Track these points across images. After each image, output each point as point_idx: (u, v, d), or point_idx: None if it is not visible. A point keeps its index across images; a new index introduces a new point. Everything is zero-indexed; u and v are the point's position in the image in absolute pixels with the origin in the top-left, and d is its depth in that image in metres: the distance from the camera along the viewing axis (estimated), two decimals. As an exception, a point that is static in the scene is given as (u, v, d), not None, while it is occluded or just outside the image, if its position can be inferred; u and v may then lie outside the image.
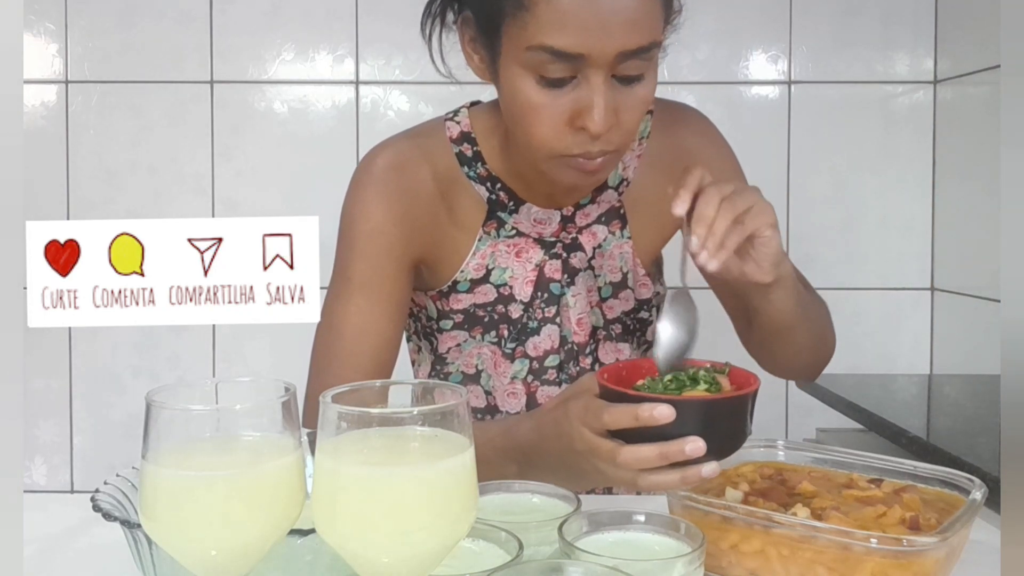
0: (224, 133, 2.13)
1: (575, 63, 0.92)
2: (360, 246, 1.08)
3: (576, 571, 0.66)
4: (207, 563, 0.60)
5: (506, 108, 1.02)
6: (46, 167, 2.11)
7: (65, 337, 2.14)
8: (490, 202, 1.12)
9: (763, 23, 2.15)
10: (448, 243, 1.12)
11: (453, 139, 1.12)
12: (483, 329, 1.15)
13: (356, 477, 0.55)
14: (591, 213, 1.15)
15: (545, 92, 0.95)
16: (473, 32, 1.02)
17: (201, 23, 2.11)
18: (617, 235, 1.16)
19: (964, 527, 0.79)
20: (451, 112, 1.15)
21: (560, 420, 0.89)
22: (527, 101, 0.96)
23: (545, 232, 1.13)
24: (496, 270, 1.13)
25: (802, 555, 0.78)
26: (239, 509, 0.58)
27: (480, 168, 1.11)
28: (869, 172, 2.18)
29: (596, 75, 0.93)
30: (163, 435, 0.59)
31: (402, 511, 0.54)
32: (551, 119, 0.95)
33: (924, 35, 2.16)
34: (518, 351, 1.15)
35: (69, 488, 2.17)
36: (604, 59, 0.92)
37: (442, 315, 1.15)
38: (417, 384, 0.62)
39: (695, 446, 0.78)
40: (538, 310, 1.14)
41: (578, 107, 0.94)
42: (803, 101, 2.16)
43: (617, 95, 0.95)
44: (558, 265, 1.14)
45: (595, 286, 1.16)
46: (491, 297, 1.14)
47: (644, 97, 0.97)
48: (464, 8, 1.03)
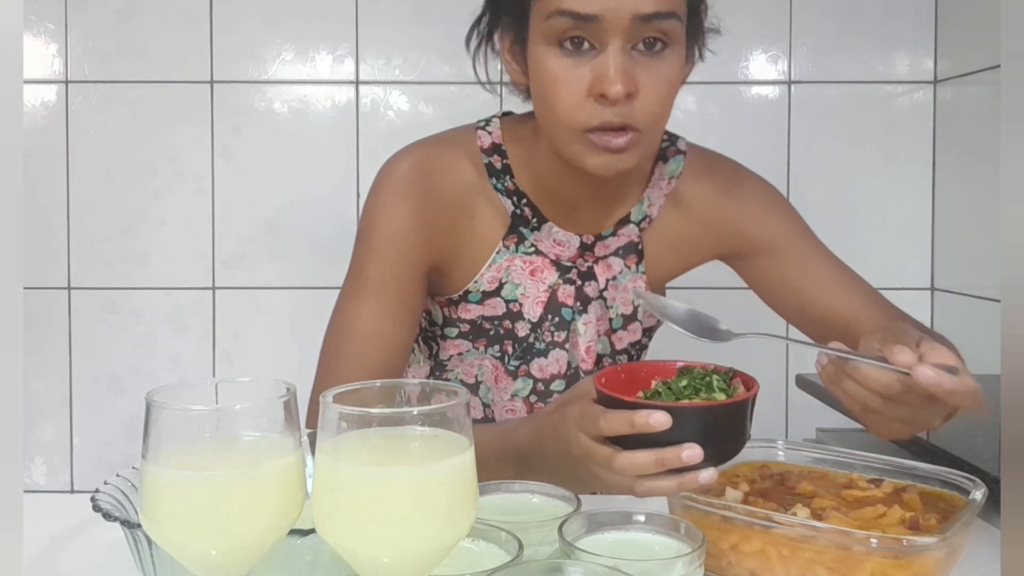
0: (224, 133, 2.13)
1: (592, 27, 0.94)
2: (378, 248, 1.08)
3: (576, 571, 0.66)
4: (207, 563, 0.60)
5: (534, 94, 1.03)
6: (46, 167, 2.11)
7: (65, 337, 2.14)
8: (514, 216, 1.12)
9: (763, 23, 2.14)
10: (465, 252, 1.12)
11: (484, 149, 1.12)
12: (487, 342, 1.15)
13: (356, 477, 0.55)
14: (610, 245, 1.15)
15: (566, 61, 0.97)
16: (511, 36, 1.04)
17: (201, 23, 2.11)
18: (632, 269, 1.16)
19: (964, 527, 0.79)
20: (483, 121, 1.15)
21: (558, 425, 0.89)
22: (548, 72, 0.98)
23: (563, 255, 1.13)
24: (509, 285, 1.13)
25: (802, 555, 0.78)
26: (239, 509, 0.58)
27: (508, 181, 1.11)
28: (869, 172, 2.18)
29: (612, 40, 0.94)
30: (163, 435, 0.59)
31: (402, 511, 0.54)
32: (571, 88, 0.97)
33: (924, 35, 2.15)
34: (521, 370, 1.15)
35: (69, 488, 2.17)
36: (620, 22, 0.93)
37: (448, 322, 1.15)
38: (417, 384, 0.62)
39: (692, 453, 0.78)
40: (547, 333, 1.14)
41: (596, 75, 0.96)
42: (803, 101, 2.16)
43: (636, 65, 0.96)
44: (571, 291, 1.14)
45: (606, 316, 1.16)
46: (500, 311, 1.14)
47: (666, 73, 0.98)
48: (504, 15, 1.05)
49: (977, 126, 2.00)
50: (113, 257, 2.13)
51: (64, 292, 2.13)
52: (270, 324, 2.15)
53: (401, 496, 0.54)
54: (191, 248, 2.14)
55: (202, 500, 0.58)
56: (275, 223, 2.14)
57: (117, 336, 2.14)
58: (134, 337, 2.14)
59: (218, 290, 2.15)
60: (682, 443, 0.78)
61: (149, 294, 2.14)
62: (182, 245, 2.13)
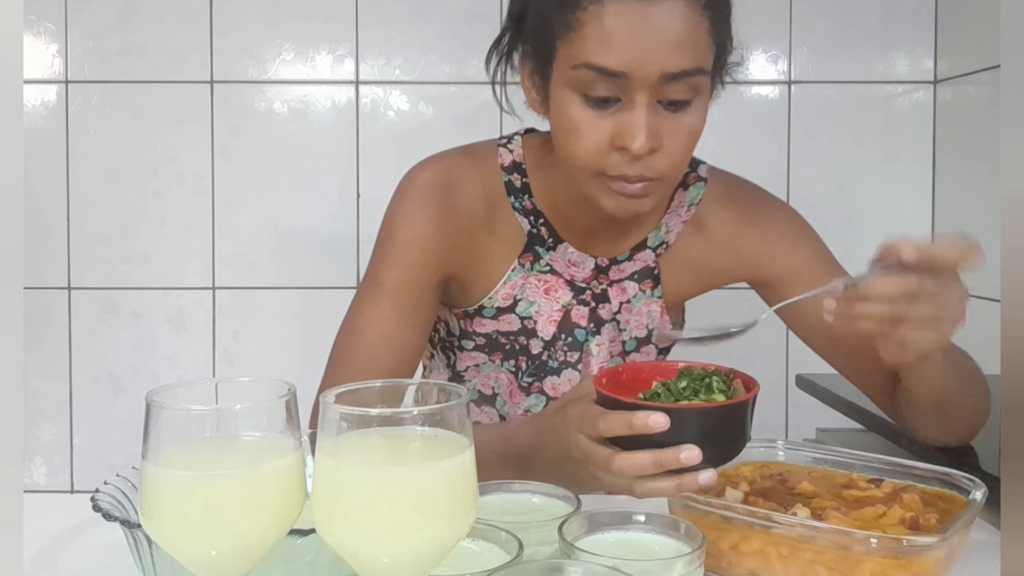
0: (224, 133, 2.13)
1: (619, 82, 0.93)
2: (396, 255, 1.09)
3: (576, 571, 0.66)
4: (207, 563, 0.60)
5: (554, 131, 1.02)
6: (46, 167, 2.11)
7: (65, 337, 2.14)
8: (530, 235, 1.12)
9: (763, 23, 2.14)
10: (481, 266, 1.12)
11: (504, 167, 1.12)
12: (503, 356, 1.15)
13: (356, 477, 0.55)
14: (625, 269, 1.15)
15: (590, 112, 0.95)
16: (531, 65, 1.03)
17: (201, 23, 2.11)
18: (648, 294, 1.16)
19: (964, 527, 0.79)
20: (504, 137, 1.15)
21: (558, 427, 0.89)
22: (571, 120, 0.96)
23: (577, 276, 1.13)
24: (523, 302, 1.13)
25: (802, 555, 0.78)
26: (239, 509, 0.58)
27: (526, 200, 1.11)
28: (869, 172, 2.18)
29: (639, 96, 0.93)
30: (163, 435, 0.59)
31: (402, 511, 0.54)
32: (593, 138, 0.95)
33: (924, 35, 2.15)
34: (534, 387, 1.16)
35: (69, 488, 2.17)
36: (647, 80, 0.92)
37: (464, 335, 1.16)
38: (417, 384, 0.62)
39: (690, 454, 0.77)
40: (560, 352, 1.14)
41: (620, 128, 0.94)
42: (803, 101, 2.16)
43: (661, 120, 0.95)
44: (585, 312, 1.14)
45: (619, 339, 1.16)
46: (515, 327, 1.14)
47: (690, 126, 0.97)
48: (526, 43, 1.04)
49: (977, 126, 2.00)
50: (113, 257, 2.13)
51: (64, 292, 2.13)
52: (270, 324, 2.15)
53: (401, 496, 0.54)
54: (191, 248, 2.14)
55: (202, 500, 0.58)
56: (275, 223, 2.14)
57: (117, 336, 2.14)
58: (134, 337, 2.14)
59: (218, 290, 2.15)
60: (681, 445, 0.78)
61: (149, 294, 2.14)
62: (182, 245, 2.13)
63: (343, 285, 2.13)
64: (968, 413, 1.09)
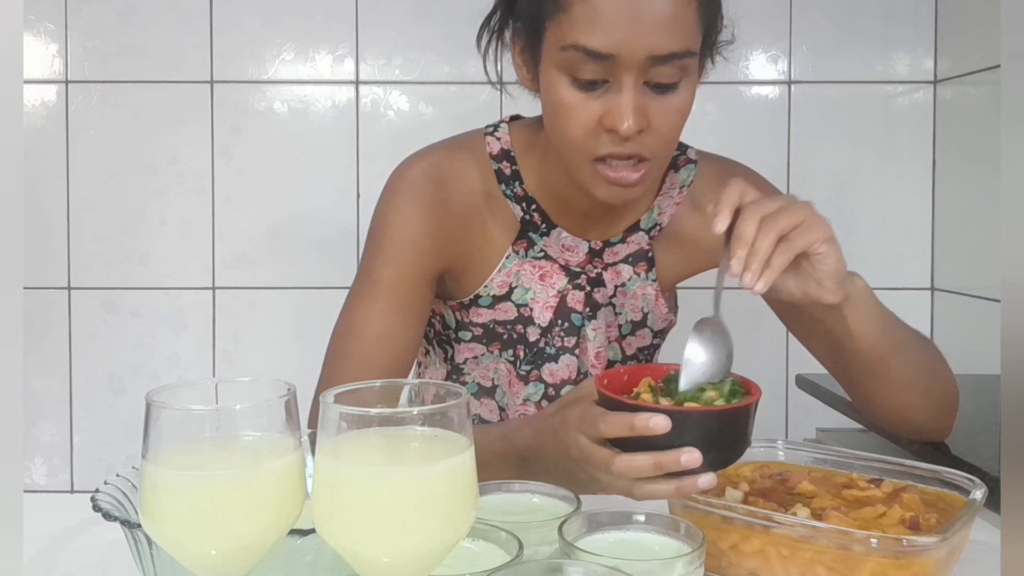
0: (224, 133, 2.13)
1: (606, 64, 0.94)
2: (389, 252, 1.09)
3: (576, 571, 0.66)
4: (207, 563, 0.60)
5: (544, 113, 1.03)
6: (46, 167, 2.11)
7: (65, 337, 2.14)
8: (523, 222, 1.12)
9: (763, 23, 2.14)
10: (476, 257, 1.13)
11: (493, 155, 1.12)
12: (501, 346, 1.15)
13: (356, 477, 0.55)
14: (619, 252, 1.15)
15: (578, 93, 0.96)
16: (522, 43, 1.04)
17: (201, 23, 2.11)
18: (642, 276, 1.16)
19: (964, 527, 0.79)
20: (491, 126, 1.15)
21: (558, 427, 0.89)
22: (561, 101, 0.97)
23: (572, 260, 1.14)
24: (519, 289, 1.13)
25: (802, 555, 0.78)
26: (239, 509, 0.58)
27: (517, 187, 1.12)
28: (869, 172, 2.18)
29: (626, 77, 0.94)
30: (163, 435, 0.59)
31: (402, 511, 0.54)
32: (582, 119, 0.96)
33: (924, 35, 2.15)
34: (532, 375, 1.15)
35: (69, 488, 2.17)
36: (634, 61, 0.93)
37: (461, 326, 1.16)
38: (416, 384, 0.62)
39: (690, 457, 0.77)
40: (557, 338, 1.14)
41: (608, 109, 0.95)
42: (803, 101, 2.16)
43: (649, 101, 0.96)
44: (581, 297, 1.14)
45: (615, 323, 1.16)
46: (511, 315, 1.14)
47: (679, 106, 0.97)
48: (516, 21, 1.05)
49: (977, 126, 2.00)
50: (113, 257, 2.13)
51: (64, 292, 2.13)
52: (270, 324, 2.15)
53: (401, 496, 0.54)
54: (191, 248, 2.14)
55: (202, 500, 0.58)
56: (275, 223, 2.14)
57: (117, 336, 2.14)
58: (134, 337, 2.14)
59: (218, 290, 2.15)
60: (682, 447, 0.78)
61: (149, 294, 2.14)
62: (182, 245, 2.13)
63: (343, 285, 2.11)
64: (910, 383, 1.04)
